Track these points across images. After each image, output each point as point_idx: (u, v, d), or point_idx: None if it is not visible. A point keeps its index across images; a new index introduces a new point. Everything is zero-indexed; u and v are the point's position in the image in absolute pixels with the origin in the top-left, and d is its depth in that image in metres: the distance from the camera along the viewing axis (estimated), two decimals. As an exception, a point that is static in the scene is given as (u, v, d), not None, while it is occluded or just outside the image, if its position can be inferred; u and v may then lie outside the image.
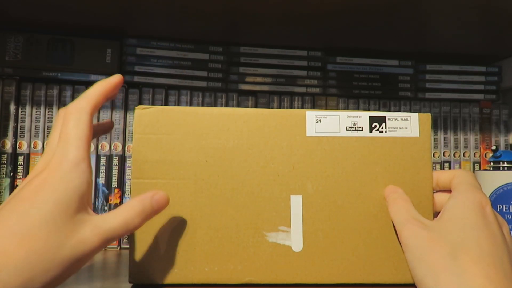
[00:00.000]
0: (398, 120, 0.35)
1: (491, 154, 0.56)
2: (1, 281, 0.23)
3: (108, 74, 0.62)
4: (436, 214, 0.35)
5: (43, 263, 0.24)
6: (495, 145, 0.61)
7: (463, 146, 0.71)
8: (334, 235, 0.34)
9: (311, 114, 0.35)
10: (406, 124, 0.35)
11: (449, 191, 0.34)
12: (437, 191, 0.36)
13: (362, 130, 0.35)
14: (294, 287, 0.34)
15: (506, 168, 0.53)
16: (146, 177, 0.34)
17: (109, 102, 0.62)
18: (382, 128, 0.35)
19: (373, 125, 0.35)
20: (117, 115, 0.62)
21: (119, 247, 0.60)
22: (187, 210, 0.34)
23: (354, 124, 0.35)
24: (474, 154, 0.71)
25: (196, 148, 0.35)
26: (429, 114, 0.36)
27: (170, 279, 0.34)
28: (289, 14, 0.55)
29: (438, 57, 0.72)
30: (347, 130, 0.35)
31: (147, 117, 0.35)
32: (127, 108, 0.63)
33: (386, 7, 0.52)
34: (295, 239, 0.34)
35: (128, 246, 0.60)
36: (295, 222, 0.34)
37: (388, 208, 0.34)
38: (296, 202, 0.34)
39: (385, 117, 0.35)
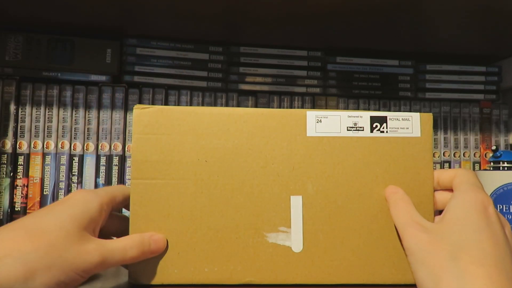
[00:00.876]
0: (399, 120, 0.35)
1: (491, 154, 0.56)
2: (5, 266, 0.25)
3: (108, 74, 0.62)
4: (437, 212, 0.35)
5: (47, 259, 0.26)
6: (495, 145, 0.61)
7: (463, 146, 0.71)
8: (334, 236, 0.34)
9: (311, 114, 0.35)
10: (407, 124, 0.35)
11: (451, 190, 0.34)
12: (438, 190, 0.36)
13: (363, 130, 0.35)
14: (294, 287, 0.34)
15: (506, 168, 0.53)
16: (146, 177, 0.34)
17: (109, 102, 0.62)
18: (383, 128, 0.35)
19: (374, 125, 0.35)
20: (117, 115, 0.62)
21: (119, 247, 0.60)
22: (186, 211, 0.34)
23: (355, 124, 0.35)
24: (474, 154, 0.71)
25: (196, 148, 0.34)
26: (431, 114, 0.36)
27: (170, 279, 0.34)
28: (289, 14, 0.55)
29: (438, 57, 0.72)
30: (348, 130, 0.35)
31: (146, 117, 0.34)
32: (127, 108, 0.63)
33: (386, 7, 0.52)
34: (295, 240, 0.34)
35: (128, 246, 0.60)
36: (295, 222, 0.34)
37: (389, 210, 0.34)
38: (296, 203, 0.34)
39: (386, 117, 0.35)
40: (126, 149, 0.62)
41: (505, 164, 0.53)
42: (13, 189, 0.59)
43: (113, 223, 0.35)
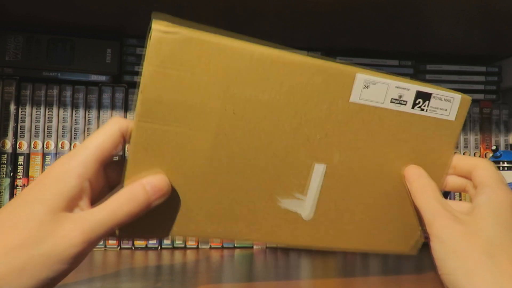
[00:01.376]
0: (441, 100, 0.33)
1: (491, 154, 0.56)
2: None
3: (108, 74, 0.62)
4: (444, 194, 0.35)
5: (18, 260, 0.23)
6: (495, 145, 0.61)
7: (463, 146, 0.71)
8: (346, 207, 0.33)
9: (361, 78, 0.30)
10: (447, 105, 0.33)
11: (465, 177, 0.34)
12: (451, 175, 0.36)
13: (405, 104, 0.32)
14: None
15: (506, 168, 0.53)
16: (156, 120, 0.27)
17: (109, 102, 0.62)
18: (424, 105, 0.33)
19: (417, 101, 0.32)
20: (117, 115, 0.62)
21: (119, 247, 0.60)
22: (199, 166, 0.29)
23: (400, 96, 0.32)
24: (474, 154, 0.71)
25: (225, 96, 0.28)
26: (470, 98, 0.34)
27: (165, 234, 0.30)
28: (289, 14, 0.55)
29: (438, 57, 0.72)
30: (391, 102, 0.32)
31: (168, 46, 0.26)
32: (127, 108, 0.62)
33: (386, 7, 0.52)
34: (307, 208, 0.32)
35: (128, 247, 0.60)
36: (312, 190, 0.32)
37: (413, 194, 0.33)
38: (318, 171, 0.32)
39: (431, 94, 0.32)
40: (126, 149, 0.62)
41: (505, 164, 0.53)
42: (13, 189, 0.59)
43: (115, 173, 0.30)
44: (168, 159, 0.28)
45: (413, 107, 0.32)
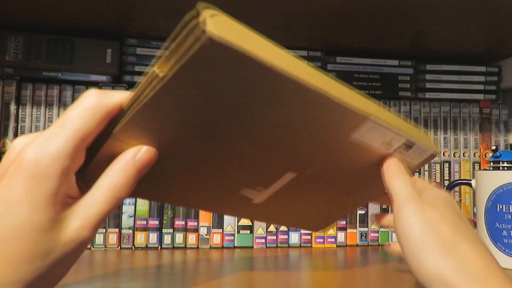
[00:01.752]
0: (417, 151, 0.36)
1: (491, 154, 0.56)
2: None
3: (108, 74, 0.62)
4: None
5: (35, 269, 0.23)
6: (495, 145, 0.61)
7: (463, 146, 0.71)
8: (292, 200, 0.37)
9: (370, 122, 0.30)
10: (418, 156, 0.36)
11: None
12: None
13: (388, 149, 0.34)
14: None
15: (506, 168, 0.53)
16: (162, 107, 0.24)
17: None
18: (402, 152, 0.35)
19: (398, 146, 0.34)
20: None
21: (119, 247, 0.60)
22: (183, 153, 0.28)
23: (390, 142, 0.33)
24: (474, 154, 0.71)
25: (242, 111, 0.25)
26: (438, 152, 0.36)
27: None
28: (289, 14, 0.55)
29: (438, 57, 0.72)
30: (380, 144, 0.33)
31: (215, 58, 0.21)
32: (127, 108, 0.63)
33: (386, 6, 0.52)
34: (261, 197, 0.35)
35: (128, 246, 0.60)
36: (273, 188, 0.34)
37: (388, 176, 0.34)
38: (288, 177, 0.33)
39: (414, 145, 0.35)
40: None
41: (505, 164, 0.53)
42: (13, 189, 0.59)
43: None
44: (158, 137, 0.26)
45: (393, 151, 0.34)
